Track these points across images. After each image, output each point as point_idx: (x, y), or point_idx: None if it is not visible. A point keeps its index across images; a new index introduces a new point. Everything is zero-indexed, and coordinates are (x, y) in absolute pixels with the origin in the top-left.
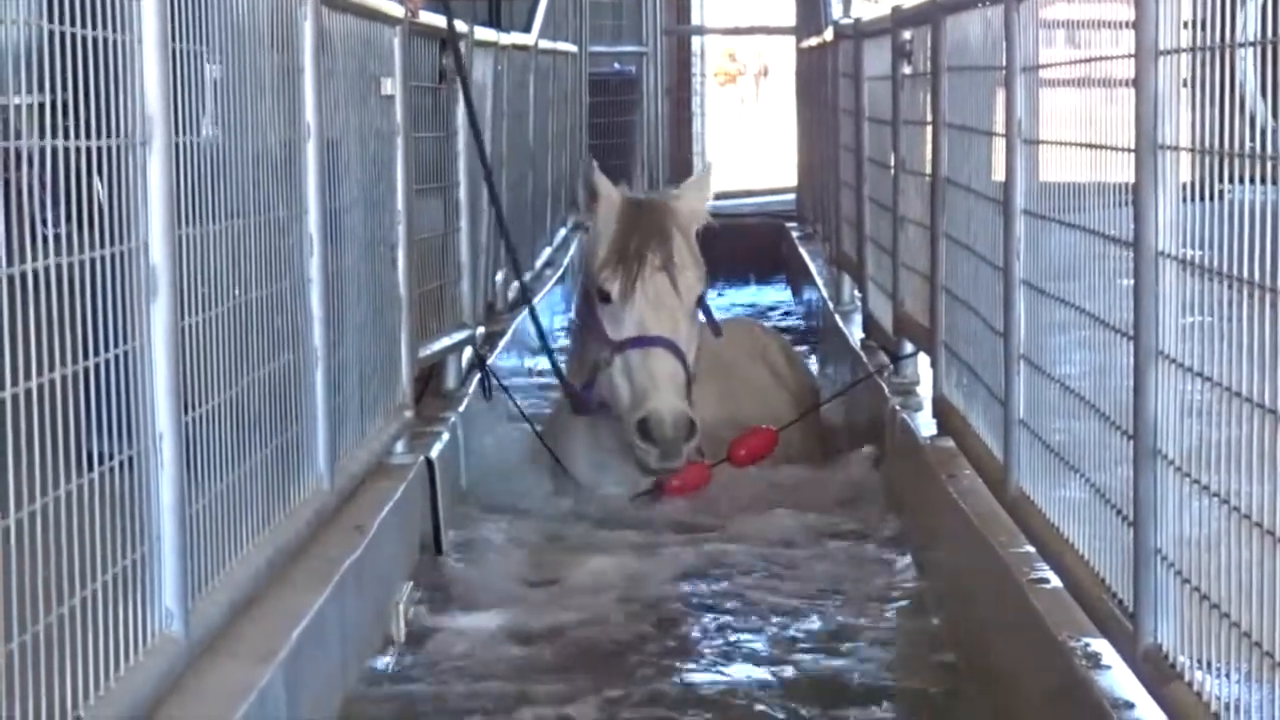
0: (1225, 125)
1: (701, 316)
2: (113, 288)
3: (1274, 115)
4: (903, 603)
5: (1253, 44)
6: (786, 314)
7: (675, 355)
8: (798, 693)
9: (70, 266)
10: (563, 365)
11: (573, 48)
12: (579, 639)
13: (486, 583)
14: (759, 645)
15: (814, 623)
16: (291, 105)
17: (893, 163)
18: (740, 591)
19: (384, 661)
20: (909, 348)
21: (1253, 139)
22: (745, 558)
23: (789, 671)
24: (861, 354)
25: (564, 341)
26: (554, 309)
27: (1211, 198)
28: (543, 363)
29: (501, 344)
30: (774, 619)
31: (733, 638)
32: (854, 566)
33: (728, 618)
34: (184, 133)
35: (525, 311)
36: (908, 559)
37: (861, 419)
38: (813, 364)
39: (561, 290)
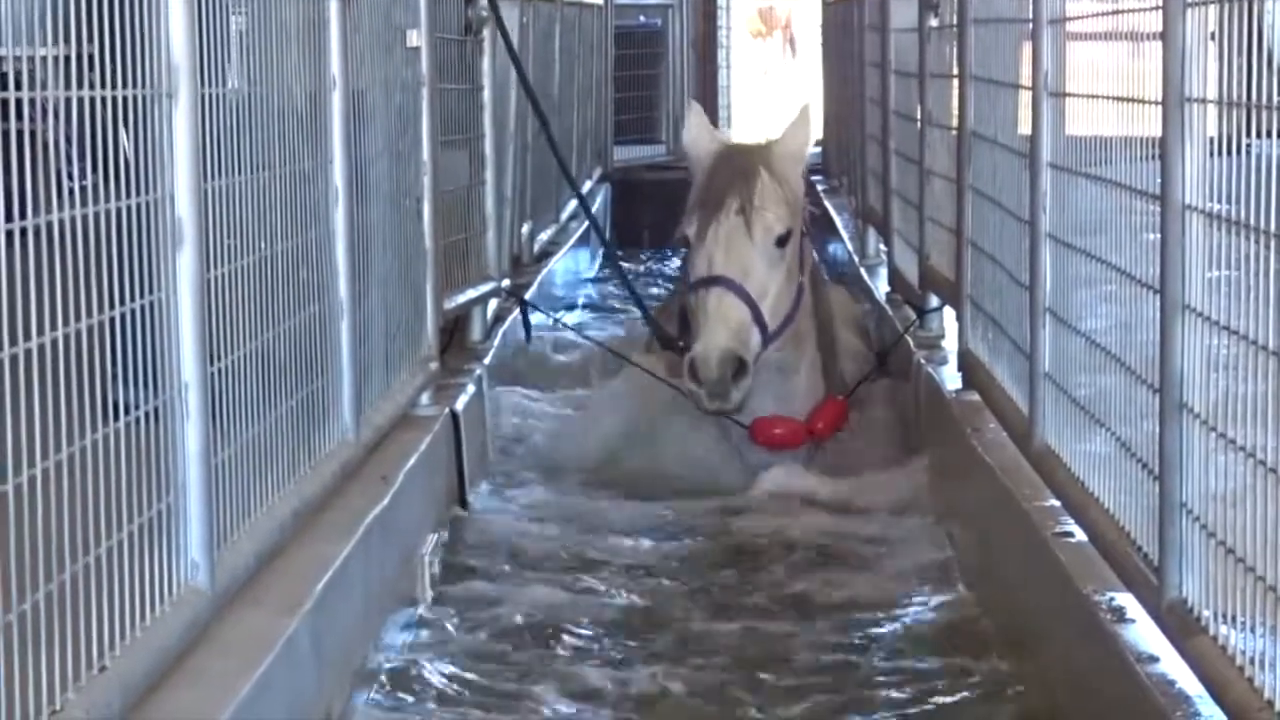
0: (1252, 78)
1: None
2: (139, 239)
3: None
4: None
5: None
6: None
7: (737, 295)
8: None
9: (96, 217)
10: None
11: None
12: None
13: None
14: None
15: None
16: (317, 57)
17: (919, 116)
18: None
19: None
20: (934, 301)
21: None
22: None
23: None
24: (887, 308)
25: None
26: (579, 262)
27: (1238, 151)
28: (567, 316)
29: (527, 296)
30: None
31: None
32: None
33: None
34: (209, 84)
35: (550, 265)
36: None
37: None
38: None
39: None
